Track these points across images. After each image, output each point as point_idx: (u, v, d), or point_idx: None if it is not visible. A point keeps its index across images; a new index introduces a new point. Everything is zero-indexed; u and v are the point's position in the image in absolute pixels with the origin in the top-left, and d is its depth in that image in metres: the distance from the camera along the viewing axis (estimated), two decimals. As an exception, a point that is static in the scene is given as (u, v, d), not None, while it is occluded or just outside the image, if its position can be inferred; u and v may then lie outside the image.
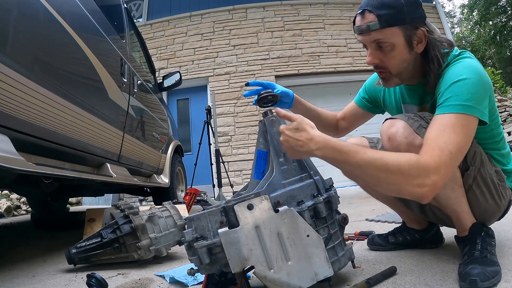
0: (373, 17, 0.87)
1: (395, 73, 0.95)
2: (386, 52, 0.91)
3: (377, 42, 0.90)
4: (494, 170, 1.01)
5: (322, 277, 0.79)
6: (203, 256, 0.78)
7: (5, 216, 3.81)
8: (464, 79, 0.83)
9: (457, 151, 0.79)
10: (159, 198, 2.93)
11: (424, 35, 0.90)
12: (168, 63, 6.04)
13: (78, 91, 1.44)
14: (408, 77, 0.98)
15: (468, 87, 0.82)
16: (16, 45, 1.06)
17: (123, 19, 2.27)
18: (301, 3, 6.24)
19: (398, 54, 0.90)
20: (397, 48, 0.89)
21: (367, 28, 0.88)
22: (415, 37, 0.89)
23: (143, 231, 1.31)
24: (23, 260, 1.55)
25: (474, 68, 0.85)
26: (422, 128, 0.88)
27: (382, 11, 0.86)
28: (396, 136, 0.90)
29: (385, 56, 0.92)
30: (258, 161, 0.97)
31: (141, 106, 2.32)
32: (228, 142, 5.62)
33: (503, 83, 8.18)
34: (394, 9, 0.86)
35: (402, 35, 0.88)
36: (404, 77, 0.97)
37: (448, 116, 0.81)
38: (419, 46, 0.91)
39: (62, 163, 1.45)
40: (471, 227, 0.97)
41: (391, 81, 0.98)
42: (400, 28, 0.87)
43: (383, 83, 1.00)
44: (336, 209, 0.94)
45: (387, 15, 0.86)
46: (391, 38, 0.88)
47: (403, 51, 0.90)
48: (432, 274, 0.94)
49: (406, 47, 0.90)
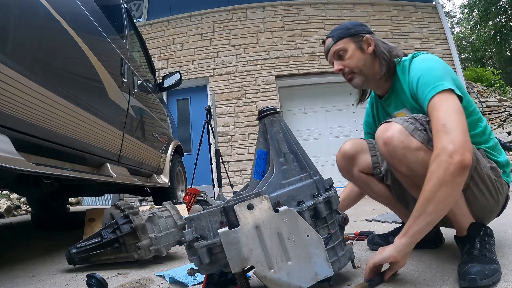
0: (329, 39, 1.16)
1: (357, 71, 1.13)
2: (344, 58, 1.14)
3: (336, 53, 1.15)
4: (489, 166, 1.03)
5: (322, 277, 0.79)
6: (203, 256, 0.78)
7: (5, 216, 3.81)
8: (423, 72, 0.99)
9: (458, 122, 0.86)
10: (159, 198, 2.93)
11: (370, 39, 1.13)
12: (168, 63, 6.03)
13: (78, 91, 1.44)
14: (371, 76, 1.14)
15: (430, 75, 0.97)
16: (16, 45, 1.06)
17: (123, 19, 2.27)
18: (301, 3, 6.24)
19: (353, 56, 1.13)
20: (350, 51, 1.13)
21: (327, 47, 1.17)
22: (363, 42, 1.13)
23: (143, 231, 1.31)
24: (23, 260, 1.55)
25: (427, 58, 1.03)
26: (417, 131, 0.91)
27: (334, 33, 1.16)
28: (392, 140, 0.92)
29: (344, 60, 1.14)
30: (258, 161, 0.97)
31: (141, 106, 2.32)
32: (228, 142, 5.62)
33: (503, 83, 8.17)
34: (342, 29, 1.16)
35: (352, 42, 1.13)
36: (366, 74, 1.14)
37: (431, 103, 0.93)
38: (370, 48, 1.13)
39: (62, 163, 1.45)
40: (469, 226, 0.98)
41: (356, 79, 1.15)
42: (349, 38, 1.14)
43: (352, 84, 1.17)
44: (336, 209, 0.94)
45: (337, 34, 1.15)
46: (344, 46, 1.13)
47: (356, 53, 1.13)
48: (432, 274, 0.94)
49: (358, 50, 1.13)
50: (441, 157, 0.82)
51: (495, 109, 6.11)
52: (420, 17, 6.45)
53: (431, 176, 0.83)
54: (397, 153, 0.93)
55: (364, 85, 1.18)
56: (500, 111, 6.08)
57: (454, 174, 0.81)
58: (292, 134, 0.97)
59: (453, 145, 0.82)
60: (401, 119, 0.95)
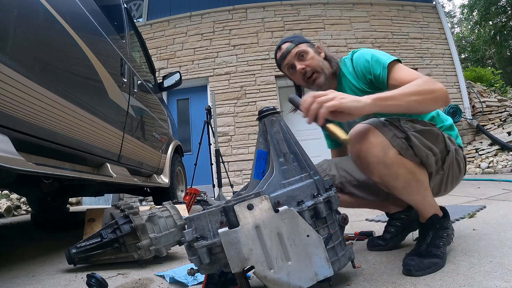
0: (288, 43, 1.26)
1: (319, 70, 1.23)
2: (305, 59, 1.23)
3: (298, 54, 1.24)
4: (448, 138, 1.08)
5: (322, 277, 0.79)
6: (203, 256, 0.78)
7: (5, 216, 3.81)
8: (370, 54, 1.15)
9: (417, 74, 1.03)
10: (159, 198, 2.93)
11: (320, 47, 1.30)
12: (168, 63, 6.04)
13: (78, 91, 1.44)
14: (328, 75, 1.24)
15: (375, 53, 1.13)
16: (16, 45, 1.06)
17: (123, 19, 2.27)
18: (301, 3, 6.24)
19: (314, 56, 1.24)
20: (310, 53, 1.24)
21: (287, 50, 1.25)
22: (317, 48, 1.29)
23: (143, 231, 1.31)
24: (23, 260, 1.55)
25: (364, 50, 1.19)
26: (396, 138, 0.94)
27: (292, 39, 1.28)
28: (367, 156, 0.95)
29: (306, 61, 1.23)
30: (258, 161, 0.97)
31: (141, 106, 2.32)
32: (228, 142, 5.62)
33: (503, 83, 8.16)
34: (297, 37, 1.30)
35: (309, 46, 1.26)
36: (326, 73, 1.23)
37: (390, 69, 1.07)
38: (321, 54, 1.28)
39: (62, 163, 1.45)
40: (429, 218, 1.05)
41: (320, 78, 1.23)
42: (307, 44, 1.27)
43: (316, 83, 1.23)
44: (336, 209, 0.94)
45: (296, 39, 1.28)
46: (305, 48, 1.24)
47: (315, 55, 1.25)
48: (432, 274, 0.94)
49: (315, 53, 1.25)
50: (438, 84, 0.96)
51: (495, 109, 6.11)
52: (420, 17, 6.46)
53: (423, 84, 0.95)
54: (370, 167, 0.97)
55: (324, 83, 1.23)
56: (500, 111, 6.08)
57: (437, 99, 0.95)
58: (292, 134, 0.97)
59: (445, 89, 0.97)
60: (380, 122, 0.96)
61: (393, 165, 0.94)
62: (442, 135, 1.04)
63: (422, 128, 0.99)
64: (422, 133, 0.97)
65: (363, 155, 0.95)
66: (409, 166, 0.96)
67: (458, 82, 6.11)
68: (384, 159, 0.93)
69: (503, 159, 5.17)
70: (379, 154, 0.93)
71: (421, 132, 0.98)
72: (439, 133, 1.03)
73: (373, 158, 0.94)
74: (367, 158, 0.95)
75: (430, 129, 1.01)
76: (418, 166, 0.98)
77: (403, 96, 0.92)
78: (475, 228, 1.46)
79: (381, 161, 0.93)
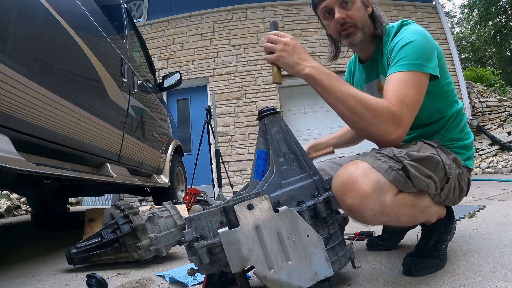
0: None
1: (360, 26, 1.05)
2: (350, 8, 1.04)
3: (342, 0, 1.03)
4: (451, 159, 0.98)
5: (322, 277, 0.79)
6: (203, 256, 0.78)
7: (5, 216, 3.81)
8: (412, 41, 0.94)
9: (413, 105, 0.89)
10: (159, 198, 2.93)
11: (369, 1, 1.08)
12: (168, 63, 6.04)
13: (78, 91, 1.44)
14: (367, 36, 1.08)
15: (417, 48, 0.93)
16: (16, 45, 1.06)
17: (123, 19, 2.27)
18: (301, 3, 6.24)
19: (360, 8, 1.05)
20: (357, 3, 1.04)
21: None
22: (366, 1, 1.07)
23: (143, 231, 1.31)
24: (23, 260, 1.55)
25: (420, 32, 0.97)
26: (392, 171, 0.79)
27: None
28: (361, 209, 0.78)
29: (350, 11, 1.04)
30: (258, 161, 0.97)
31: (141, 106, 2.32)
32: (228, 142, 5.62)
33: (503, 83, 8.15)
34: None
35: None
36: (365, 32, 1.07)
37: (402, 74, 0.91)
38: (368, 9, 1.08)
39: (62, 163, 1.45)
40: (435, 221, 1.01)
41: (357, 34, 1.06)
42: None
43: (350, 39, 1.07)
44: (336, 209, 0.94)
45: None
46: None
47: (362, 7, 1.05)
48: (432, 274, 0.94)
49: (363, 5, 1.06)
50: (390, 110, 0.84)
51: (495, 109, 6.11)
52: (420, 17, 6.45)
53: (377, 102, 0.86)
54: (367, 221, 0.81)
55: (360, 44, 1.09)
56: (500, 111, 6.08)
57: (381, 128, 0.85)
58: (292, 134, 0.97)
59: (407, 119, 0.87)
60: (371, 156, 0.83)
61: (392, 211, 0.80)
62: (443, 163, 0.90)
63: (419, 156, 0.85)
64: (419, 162, 0.84)
65: (357, 210, 0.79)
66: (410, 201, 0.83)
67: (458, 82, 6.10)
68: (381, 209, 0.78)
69: (503, 159, 5.17)
70: (374, 205, 0.77)
71: (419, 161, 0.84)
72: (439, 160, 0.89)
73: (368, 212, 0.78)
74: (362, 213, 0.79)
75: (428, 156, 0.87)
76: (418, 194, 0.86)
77: (346, 92, 0.86)
78: (475, 228, 1.46)
79: (378, 212, 0.78)
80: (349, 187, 0.78)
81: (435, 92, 1.03)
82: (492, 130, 5.87)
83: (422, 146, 0.95)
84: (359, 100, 0.86)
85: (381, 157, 0.82)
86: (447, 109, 1.07)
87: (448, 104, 1.07)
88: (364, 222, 0.83)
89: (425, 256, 0.98)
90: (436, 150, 0.94)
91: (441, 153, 0.94)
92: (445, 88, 1.05)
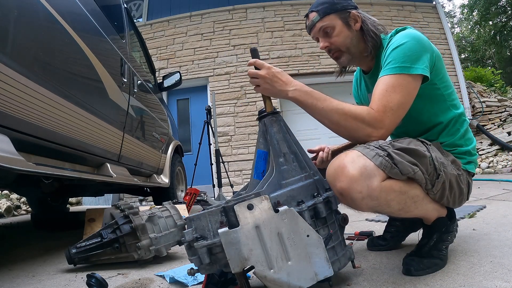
0: (314, 13, 1.10)
1: (344, 49, 1.11)
2: (331, 35, 1.09)
3: (322, 29, 1.10)
4: (450, 161, 1.00)
5: (322, 277, 0.79)
6: (203, 256, 0.78)
7: (5, 216, 3.81)
8: (401, 44, 0.97)
9: (398, 108, 0.92)
10: (159, 198, 2.93)
11: (357, 16, 1.09)
12: (168, 63, 6.04)
13: (78, 91, 1.44)
14: (358, 54, 1.12)
15: (405, 50, 0.96)
16: (16, 45, 1.06)
17: (123, 19, 2.27)
18: (301, 3, 6.24)
19: (340, 33, 1.08)
20: (337, 28, 1.08)
21: (312, 22, 1.11)
22: (350, 18, 1.09)
23: (143, 231, 1.31)
24: (23, 260, 1.55)
25: (412, 35, 0.99)
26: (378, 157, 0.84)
27: (319, 7, 1.09)
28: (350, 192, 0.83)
29: (331, 38, 1.10)
30: (258, 161, 0.97)
31: (141, 106, 2.32)
32: (228, 142, 5.62)
33: (503, 83, 8.15)
34: (328, 3, 1.09)
35: (338, 18, 1.08)
36: (353, 52, 1.11)
37: (388, 78, 0.95)
38: (356, 24, 1.09)
39: (62, 163, 1.45)
40: (435, 220, 1.01)
41: (343, 57, 1.12)
42: (336, 14, 1.08)
43: (338, 62, 1.15)
44: (336, 209, 0.94)
45: (323, 8, 1.09)
46: (331, 22, 1.08)
47: (343, 30, 1.08)
48: (432, 274, 0.94)
49: (345, 27, 1.08)
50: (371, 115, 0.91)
51: (495, 109, 6.11)
52: (420, 17, 6.46)
53: (357, 110, 0.92)
54: (356, 204, 0.86)
55: (350, 63, 1.15)
56: (500, 111, 6.08)
57: (364, 133, 0.91)
58: (292, 134, 0.97)
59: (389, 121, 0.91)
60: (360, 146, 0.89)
61: (381, 195, 0.83)
62: (432, 158, 0.91)
63: (403, 146, 0.88)
64: (403, 151, 0.87)
65: (346, 193, 0.83)
66: (398, 187, 0.86)
67: (458, 82, 6.10)
68: (369, 192, 0.82)
69: (503, 159, 5.17)
70: (362, 188, 0.81)
71: (403, 150, 0.88)
72: (426, 154, 0.90)
73: (356, 195, 0.82)
74: (351, 195, 0.83)
75: (413, 148, 0.89)
76: (407, 182, 0.88)
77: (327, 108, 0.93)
78: (475, 228, 1.46)
79: (366, 195, 0.82)
80: (339, 172, 0.85)
81: (431, 95, 1.03)
82: (492, 130, 5.87)
83: (412, 141, 0.96)
84: (340, 113, 0.92)
85: (369, 146, 0.88)
86: (444, 113, 1.06)
87: (445, 107, 1.06)
88: (354, 206, 0.87)
89: (425, 255, 0.98)
90: (427, 147, 0.95)
91: (433, 151, 0.95)
92: (441, 91, 1.05)
